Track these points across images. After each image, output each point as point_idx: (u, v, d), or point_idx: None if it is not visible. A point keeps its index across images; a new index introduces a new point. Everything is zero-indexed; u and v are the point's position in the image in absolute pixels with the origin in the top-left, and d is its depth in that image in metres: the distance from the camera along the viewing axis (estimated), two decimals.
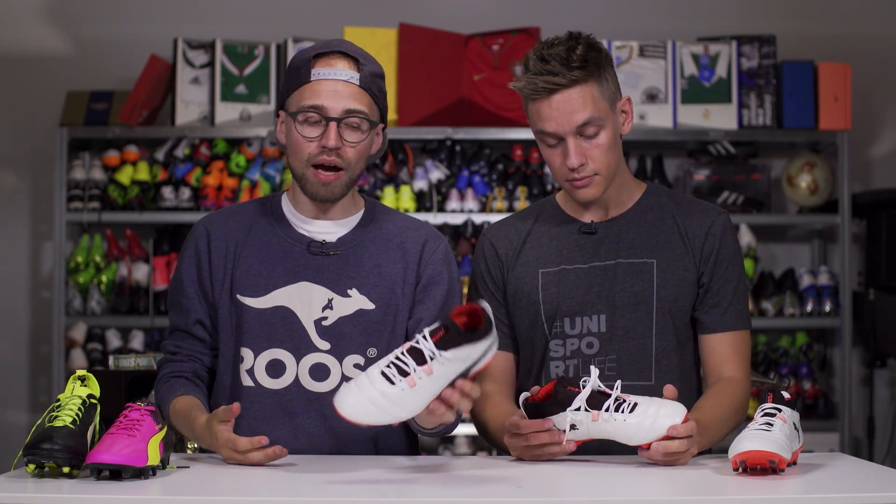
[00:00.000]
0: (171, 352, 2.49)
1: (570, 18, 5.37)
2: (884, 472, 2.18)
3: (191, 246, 2.50)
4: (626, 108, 2.47)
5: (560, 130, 2.39)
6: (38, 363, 5.33)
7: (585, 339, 2.46)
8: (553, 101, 2.37)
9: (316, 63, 2.39)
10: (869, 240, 5.19)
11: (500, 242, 2.58)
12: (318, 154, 2.38)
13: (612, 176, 2.45)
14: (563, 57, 2.36)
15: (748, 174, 5.19)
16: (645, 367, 2.45)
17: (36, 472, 2.01)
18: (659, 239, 2.48)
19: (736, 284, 2.48)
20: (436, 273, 2.48)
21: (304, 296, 2.42)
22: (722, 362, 2.46)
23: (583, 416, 2.17)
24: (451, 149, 5.15)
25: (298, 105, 2.38)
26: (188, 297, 2.47)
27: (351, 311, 2.42)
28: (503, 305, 2.55)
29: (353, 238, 2.47)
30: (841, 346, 5.07)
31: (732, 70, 5.12)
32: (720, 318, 2.48)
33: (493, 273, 2.57)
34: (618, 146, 2.45)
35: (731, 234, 2.51)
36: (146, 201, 5.07)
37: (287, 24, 5.27)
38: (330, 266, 2.44)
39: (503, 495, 2.00)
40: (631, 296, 2.45)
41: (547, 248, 2.52)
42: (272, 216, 2.49)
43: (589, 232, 2.50)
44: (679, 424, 2.16)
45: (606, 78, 2.41)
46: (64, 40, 5.39)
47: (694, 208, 2.53)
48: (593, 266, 2.48)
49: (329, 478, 2.09)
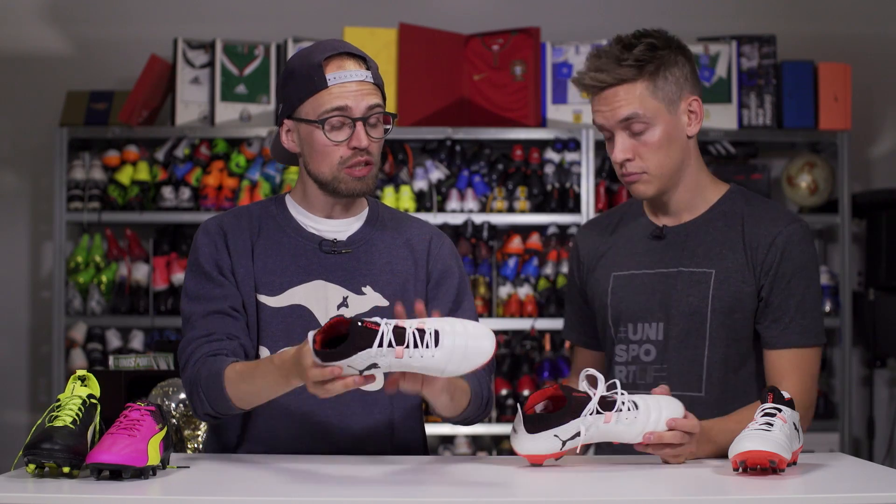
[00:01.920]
0: (202, 335, 2.34)
1: (570, 18, 5.40)
2: (884, 472, 2.18)
3: (207, 244, 2.43)
4: (695, 107, 2.45)
5: (606, 124, 2.42)
6: (38, 363, 5.33)
7: (644, 345, 2.46)
8: (602, 95, 2.42)
9: (327, 67, 2.37)
10: (869, 240, 5.19)
11: (583, 244, 2.60)
12: (351, 157, 2.38)
13: (666, 176, 2.43)
14: (616, 55, 2.39)
15: (748, 174, 5.18)
16: (695, 379, 2.42)
17: (36, 472, 2.01)
18: (722, 248, 2.43)
19: (801, 299, 2.39)
20: (445, 268, 2.49)
21: (320, 294, 2.42)
22: (779, 380, 2.38)
23: (595, 419, 2.17)
24: (451, 149, 5.15)
25: (321, 111, 2.36)
26: (220, 284, 2.39)
27: (366, 309, 2.42)
28: (590, 315, 2.58)
29: (363, 236, 2.48)
30: (841, 346, 5.07)
31: (732, 70, 5.12)
32: (780, 334, 2.40)
33: (576, 275, 2.60)
34: (675, 146, 2.42)
35: (799, 245, 2.41)
36: (146, 201, 5.07)
37: (287, 24, 5.27)
38: (343, 264, 2.44)
39: (503, 495, 2.00)
40: (686, 305, 2.43)
41: (623, 251, 2.52)
42: (279, 217, 2.48)
43: (658, 237, 2.48)
44: (679, 418, 2.17)
45: (665, 77, 2.41)
46: (64, 40, 5.39)
47: (765, 216, 2.45)
48: (658, 273, 2.46)
49: (329, 478, 2.10)
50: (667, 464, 2.21)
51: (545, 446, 2.18)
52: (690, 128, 2.45)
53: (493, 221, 5.09)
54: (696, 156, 2.49)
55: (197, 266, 2.43)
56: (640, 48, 2.39)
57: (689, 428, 2.18)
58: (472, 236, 5.08)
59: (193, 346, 2.35)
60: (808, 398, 2.40)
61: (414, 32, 5.08)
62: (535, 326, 5.06)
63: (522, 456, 2.20)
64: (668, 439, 2.17)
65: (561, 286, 5.09)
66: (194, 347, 2.35)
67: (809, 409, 2.41)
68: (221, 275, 2.41)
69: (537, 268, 5.14)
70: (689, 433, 2.19)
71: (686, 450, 2.20)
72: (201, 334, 2.35)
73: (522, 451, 2.19)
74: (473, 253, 5.11)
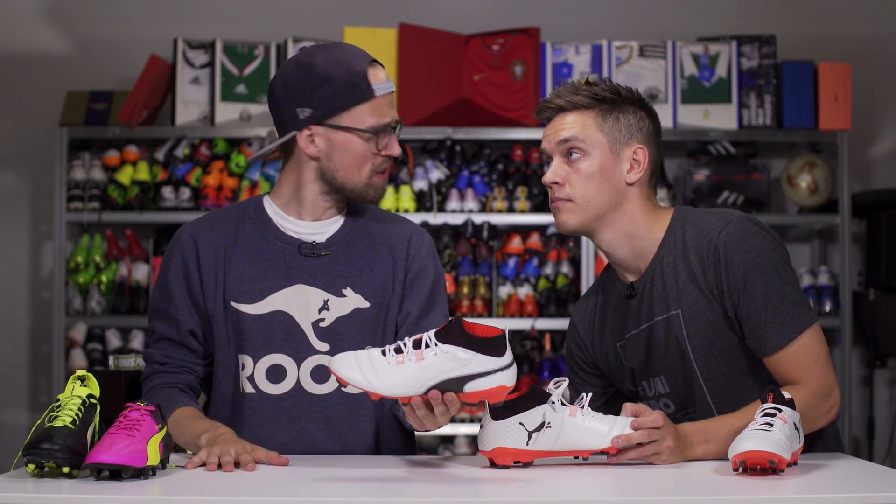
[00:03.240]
0: (159, 362, 2.45)
1: (571, 18, 5.40)
2: (884, 472, 2.18)
3: (177, 255, 2.48)
4: (640, 156, 2.39)
5: (547, 147, 2.42)
6: (38, 363, 5.33)
7: (662, 399, 2.46)
8: (552, 121, 2.42)
9: (370, 76, 2.40)
10: (869, 240, 5.19)
11: (581, 324, 2.57)
12: (382, 163, 2.44)
13: (592, 211, 2.38)
14: (576, 86, 2.40)
15: (748, 174, 5.19)
16: (709, 414, 2.40)
17: (36, 472, 2.01)
18: (678, 284, 2.39)
19: (763, 299, 2.30)
20: (421, 267, 2.49)
21: (300, 298, 2.42)
22: (785, 382, 2.33)
23: (559, 410, 2.16)
24: (451, 149, 5.15)
25: (369, 122, 2.40)
26: (177, 307, 2.45)
27: (348, 311, 2.42)
28: (600, 377, 2.56)
29: (342, 237, 2.47)
30: (841, 346, 5.07)
31: (732, 70, 5.12)
32: (763, 342, 2.32)
33: (581, 352, 2.57)
34: (607, 185, 2.37)
35: (739, 245, 2.32)
36: (146, 201, 5.07)
37: (287, 24, 5.27)
38: (322, 267, 2.44)
39: (502, 495, 2.00)
40: (671, 352, 2.41)
41: (612, 320, 2.50)
42: (257, 220, 2.48)
43: (631, 295, 2.45)
44: (642, 417, 2.16)
45: (617, 118, 2.39)
46: (64, 40, 5.39)
47: (700, 232, 2.37)
48: (641, 329, 2.44)
49: (328, 478, 2.10)
50: (651, 464, 2.20)
51: (510, 437, 2.15)
52: (630, 175, 2.39)
53: (493, 221, 5.09)
54: (640, 203, 2.41)
55: (164, 280, 2.49)
56: (602, 87, 2.40)
57: (652, 423, 2.16)
58: (472, 236, 5.08)
59: (149, 370, 2.46)
60: (822, 384, 2.32)
61: (414, 32, 5.08)
62: (534, 326, 5.06)
63: (486, 455, 2.17)
64: (637, 439, 2.16)
65: (561, 286, 5.09)
66: (150, 372, 2.46)
67: (829, 393, 2.32)
68: (184, 295, 2.45)
69: (537, 268, 5.14)
70: (656, 428, 2.17)
71: (664, 446, 2.18)
72: (158, 360, 2.45)
73: (488, 446, 2.16)
74: (473, 253, 5.11)
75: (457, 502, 1.95)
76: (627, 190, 2.40)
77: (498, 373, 2.07)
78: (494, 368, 2.06)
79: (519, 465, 2.16)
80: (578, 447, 2.17)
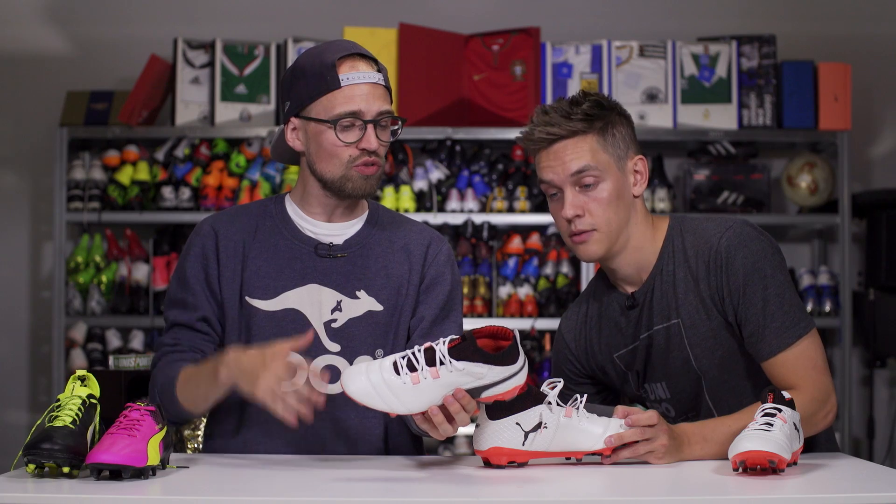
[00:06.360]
0: (169, 344, 2.42)
1: (570, 18, 5.40)
2: (884, 472, 2.18)
3: (197, 245, 2.47)
4: (640, 167, 2.40)
5: (556, 179, 2.36)
6: (38, 363, 5.33)
7: (663, 404, 2.46)
8: (551, 150, 2.36)
9: (340, 67, 2.37)
10: (869, 240, 5.19)
11: (570, 336, 2.56)
12: (358, 157, 2.38)
13: (615, 234, 2.37)
14: (565, 110, 2.35)
15: (748, 174, 5.19)
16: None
17: (36, 472, 2.01)
18: (677, 292, 2.38)
19: (762, 304, 2.31)
20: (438, 274, 2.48)
21: (314, 298, 2.42)
22: (783, 387, 2.31)
23: (556, 411, 2.16)
24: (451, 149, 5.15)
25: (334, 112, 2.36)
26: (195, 293, 2.43)
27: (360, 313, 2.42)
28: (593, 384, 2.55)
29: (360, 240, 2.47)
30: (841, 346, 5.07)
31: (732, 70, 5.12)
32: (761, 347, 2.32)
33: (573, 362, 2.55)
34: (622, 204, 2.37)
35: (739, 250, 2.33)
36: (146, 201, 5.07)
37: (287, 24, 5.28)
38: (338, 268, 2.44)
39: (503, 495, 2.00)
40: (672, 360, 2.41)
41: (608, 331, 2.49)
42: (277, 218, 2.48)
43: (632, 306, 2.44)
44: (635, 416, 2.16)
45: (613, 134, 2.37)
46: (64, 40, 5.39)
47: (699, 240, 2.38)
48: (641, 340, 2.44)
49: (330, 477, 2.10)
50: (650, 464, 2.20)
51: (506, 437, 2.14)
52: (636, 188, 2.40)
53: (493, 221, 5.09)
54: (643, 212, 2.43)
55: (181, 270, 2.47)
56: (588, 104, 2.36)
57: (646, 420, 2.16)
58: (472, 236, 5.08)
59: (159, 354, 2.42)
60: (819, 390, 2.31)
61: (414, 32, 5.08)
62: (535, 326, 5.06)
63: (481, 454, 2.17)
64: (629, 437, 2.16)
65: (561, 286, 5.09)
66: (159, 355, 2.42)
67: (826, 399, 2.32)
68: (202, 283, 2.43)
69: (537, 268, 5.14)
70: (650, 426, 2.17)
71: (658, 444, 2.18)
72: (168, 343, 2.42)
73: (483, 445, 2.15)
74: (473, 253, 5.11)
75: (458, 502, 1.95)
76: (634, 203, 2.41)
77: (513, 378, 2.09)
78: (509, 375, 2.08)
79: (514, 465, 2.16)
80: (573, 448, 2.18)
